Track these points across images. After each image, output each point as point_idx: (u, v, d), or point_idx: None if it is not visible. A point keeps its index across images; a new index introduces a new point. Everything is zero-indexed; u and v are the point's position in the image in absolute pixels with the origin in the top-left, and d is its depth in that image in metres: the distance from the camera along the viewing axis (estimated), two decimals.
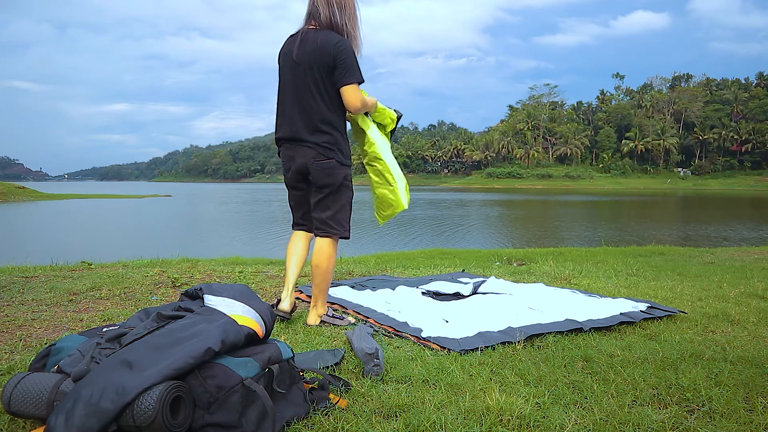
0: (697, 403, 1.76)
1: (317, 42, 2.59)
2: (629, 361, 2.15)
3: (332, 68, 2.58)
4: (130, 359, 1.40)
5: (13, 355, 2.19)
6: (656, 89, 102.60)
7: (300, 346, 2.36)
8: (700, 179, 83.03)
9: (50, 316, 2.82)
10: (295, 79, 2.67)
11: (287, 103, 2.71)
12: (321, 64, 2.59)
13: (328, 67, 2.58)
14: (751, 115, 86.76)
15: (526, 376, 1.99)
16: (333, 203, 2.72)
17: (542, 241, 14.81)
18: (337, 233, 2.73)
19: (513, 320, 2.70)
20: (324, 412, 1.64)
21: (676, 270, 5.00)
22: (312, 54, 2.60)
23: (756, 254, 6.88)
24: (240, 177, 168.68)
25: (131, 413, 1.29)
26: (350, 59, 2.59)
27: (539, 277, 4.41)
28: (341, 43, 2.58)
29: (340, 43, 2.58)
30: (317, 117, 2.64)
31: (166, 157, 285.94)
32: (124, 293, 3.44)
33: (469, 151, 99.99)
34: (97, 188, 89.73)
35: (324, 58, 2.57)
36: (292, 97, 2.69)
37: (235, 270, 4.51)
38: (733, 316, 2.95)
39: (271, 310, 1.75)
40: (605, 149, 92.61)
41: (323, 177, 2.67)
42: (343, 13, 2.62)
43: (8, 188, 41.03)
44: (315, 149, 2.65)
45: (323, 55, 2.57)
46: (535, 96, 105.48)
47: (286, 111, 2.72)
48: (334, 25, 2.62)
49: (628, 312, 2.89)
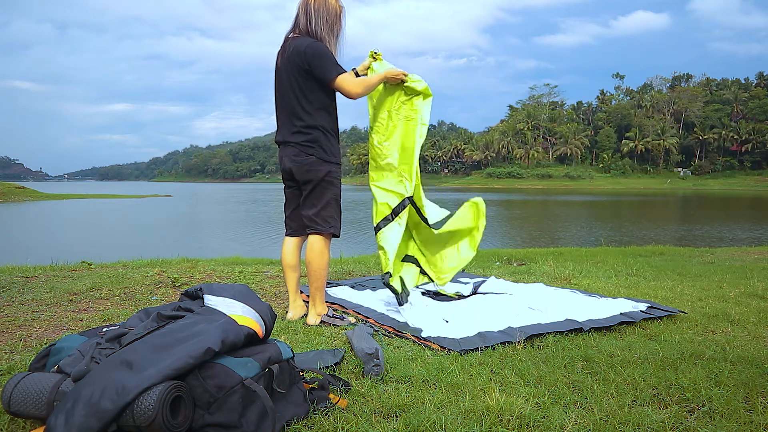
0: (697, 403, 1.76)
1: (292, 49, 2.72)
2: (629, 361, 2.15)
3: (308, 71, 2.69)
4: (130, 359, 1.40)
5: (13, 355, 2.19)
6: (656, 89, 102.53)
7: (300, 346, 2.36)
8: (700, 179, 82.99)
9: (50, 316, 2.83)
10: (281, 85, 2.81)
11: (277, 107, 2.86)
12: (296, 69, 2.71)
13: (303, 70, 2.69)
14: (751, 115, 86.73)
15: (526, 376, 1.99)
16: (318, 200, 2.78)
17: (542, 241, 14.81)
18: (324, 229, 2.78)
19: (513, 320, 2.70)
20: (324, 412, 1.64)
21: (676, 270, 5.00)
22: (289, 60, 2.73)
23: (756, 254, 6.87)
24: (240, 177, 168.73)
25: (131, 413, 1.29)
26: (322, 57, 2.67)
27: (539, 277, 4.41)
28: (310, 46, 2.68)
29: (309, 45, 2.68)
30: (297, 119, 2.76)
31: (166, 157, 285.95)
32: (124, 293, 3.44)
33: (469, 151, 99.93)
34: (97, 188, 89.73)
35: (298, 63, 2.70)
36: (280, 102, 2.83)
37: (235, 270, 4.51)
38: (733, 316, 2.95)
39: (272, 310, 1.75)
40: (605, 149, 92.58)
41: (303, 173, 2.76)
42: (318, 19, 2.73)
43: (8, 188, 41.01)
44: (296, 148, 2.77)
45: (297, 59, 2.70)
46: (535, 96, 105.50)
47: (278, 115, 2.87)
48: (310, 31, 2.74)
49: (628, 312, 2.89)
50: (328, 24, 2.74)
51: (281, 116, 2.83)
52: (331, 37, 2.77)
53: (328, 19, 2.74)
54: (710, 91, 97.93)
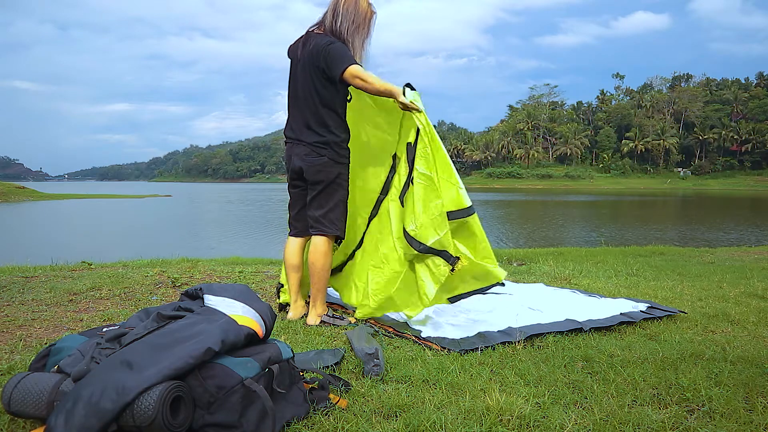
0: (697, 403, 1.76)
1: (313, 45, 2.68)
2: (629, 361, 2.15)
3: (324, 72, 2.65)
4: (130, 359, 1.40)
5: (13, 355, 2.19)
6: (656, 89, 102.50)
7: (300, 346, 2.36)
8: (700, 179, 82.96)
9: (50, 316, 2.82)
10: (296, 77, 2.77)
11: (291, 100, 2.81)
12: (314, 65, 2.67)
13: (319, 68, 2.66)
14: (751, 115, 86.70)
15: (526, 376, 1.99)
16: (326, 201, 2.75)
17: (542, 241, 14.80)
18: (329, 231, 2.75)
19: (513, 320, 2.70)
20: (324, 412, 1.64)
21: (676, 270, 5.00)
22: (309, 55, 2.69)
23: (756, 254, 6.87)
24: (240, 177, 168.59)
25: (131, 413, 1.29)
26: (338, 52, 2.61)
27: (539, 277, 4.41)
28: (329, 43, 2.64)
29: (328, 43, 2.65)
30: (311, 117, 2.72)
31: (166, 157, 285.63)
32: (124, 293, 3.44)
33: (469, 151, 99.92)
34: (97, 188, 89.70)
35: (315, 60, 2.66)
36: (293, 95, 2.79)
37: (235, 270, 4.51)
38: (733, 316, 2.95)
39: (272, 310, 1.75)
40: (605, 149, 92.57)
41: (314, 173, 2.73)
42: (345, 20, 2.68)
43: (8, 188, 41.01)
44: (308, 147, 2.73)
45: (315, 56, 2.66)
46: (535, 96, 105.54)
47: (290, 108, 2.82)
48: (335, 31, 2.69)
49: (628, 312, 2.89)
50: (354, 25, 2.69)
51: (294, 110, 2.77)
52: (357, 41, 2.70)
53: (355, 20, 2.69)
54: (710, 91, 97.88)
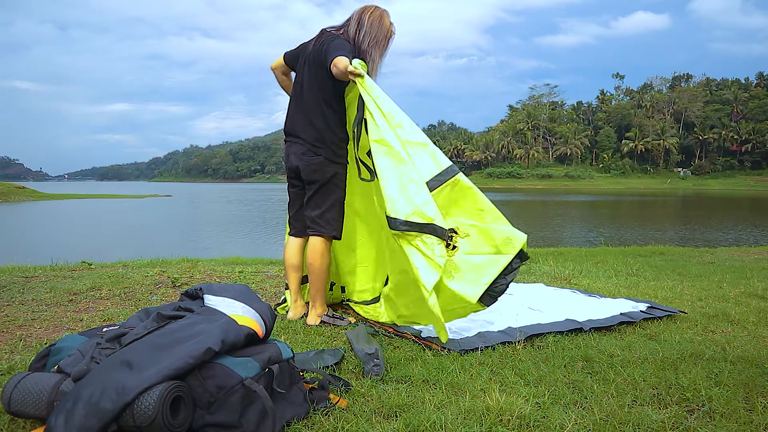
0: (697, 403, 1.76)
1: (322, 40, 2.67)
2: (629, 361, 2.15)
3: (324, 63, 2.61)
4: (130, 359, 1.40)
5: (13, 355, 2.19)
6: (656, 89, 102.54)
7: (300, 346, 2.36)
8: (700, 179, 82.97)
9: (50, 316, 2.83)
10: (302, 72, 2.77)
11: (293, 95, 2.81)
12: (318, 62, 2.66)
13: (322, 63, 2.63)
14: (751, 115, 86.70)
15: (526, 376, 1.99)
16: (322, 201, 2.74)
17: (542, 241, 14.79)
18: (326, 232, 2.74)
19: (513, 320, 2.70)
20: (324, 412, 1.64)
21: (676, 270, 5.00)
22: (315, 51, 2.68)
23: (756, 254, 6.87)
24: (240, 177, 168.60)
25: (131, 413, 1.29)
26: (336, 45, 2.59)
27: (539, 277, 4.41)
28: (334, 38, 2.64)
29: (333, 38, 2.64)
30: (311, 113, 2.71)
31: (166, 157, 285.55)
32: (124, 293, 3.44)
33: (469, 151, 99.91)
34: (97, 188, 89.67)
35: (320, 56, 2.64)
36: (297, 90, 2.79)
37: (235, 270, 4.51)
38: (733, 316, 2.95)
39: (272, 310, 1.75)
40: (605, 149, 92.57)
41: (310, 173, 2.72)
42: (368, 36, 2.69)
43: (8, 188, 40.99)
44: (305, 146, 2.72)
45: (320, 52, 2.65)
46: (535, 96, 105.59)
47: (291, 104, 2.82)
48: (356, 41, 2.69)
49: (628, 312, 2.89)
50: (375, 41, 2.69)
51: (294, 105, 2.78)
52: (375, 55, 2.70)
53: (377, 36, 2.70)
54: (710, 91, 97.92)
